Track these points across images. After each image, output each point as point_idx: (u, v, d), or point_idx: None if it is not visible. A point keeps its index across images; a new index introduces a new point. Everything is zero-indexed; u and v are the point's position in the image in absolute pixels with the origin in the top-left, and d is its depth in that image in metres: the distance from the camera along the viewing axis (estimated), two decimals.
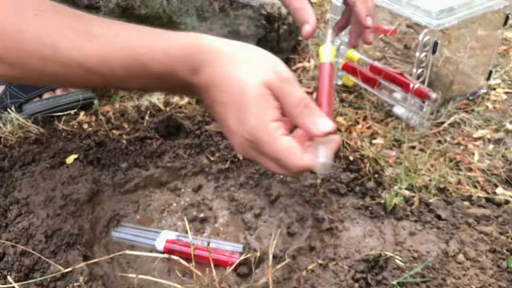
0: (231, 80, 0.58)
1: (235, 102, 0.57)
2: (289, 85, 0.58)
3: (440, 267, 0.70)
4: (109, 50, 0.59)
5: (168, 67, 0.60)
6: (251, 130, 0.56)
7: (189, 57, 0.59)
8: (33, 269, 0.73)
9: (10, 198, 0.83)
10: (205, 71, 0.59)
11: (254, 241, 0.88)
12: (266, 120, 0.56)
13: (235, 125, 0.58)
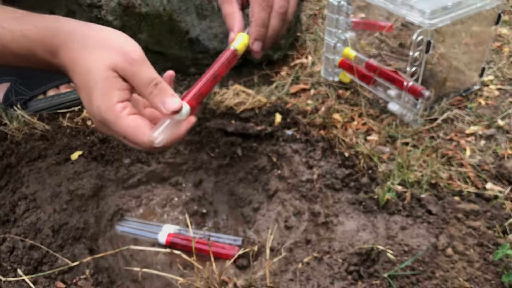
0: (80, 65, 0.62)
1: (84, 86, 0.62)
2: (137, 67, 0.62)
3: (429, 261, 0.73)
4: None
5: (26, 49, 0.65)
6: (99, 112, 0.61)
7: (46, 40, 0.64)
8: (41, 263, 0.76)
9: (18, 193, 0.86)
10: (60, 54, 0.64)
11: (253, 234, 0.91)
12: (111, 102, 0.60)
13: (88, 106, 0.63)
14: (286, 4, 0.81)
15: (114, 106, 0.60)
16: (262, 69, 1.25)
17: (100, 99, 0.60)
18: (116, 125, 0.61)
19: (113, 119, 0.60)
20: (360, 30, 1.26)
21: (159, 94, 0.62)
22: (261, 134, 1.02)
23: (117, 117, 0.60)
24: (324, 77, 1.20)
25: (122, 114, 0.60)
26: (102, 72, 0.61)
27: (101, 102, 0.60)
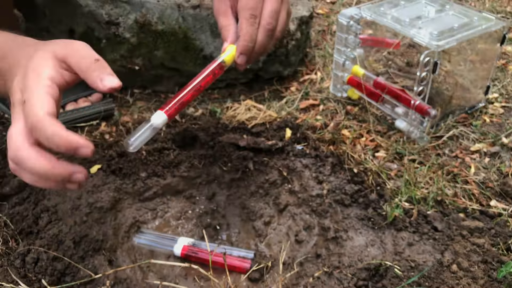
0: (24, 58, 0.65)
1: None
2: (79, 46, 0.64)
3: (435, 276, 0.76)
4: None
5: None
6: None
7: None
8: (64, 273, 0.80)
9: (40, 206, 0.90)
10: (8, 57, 0.67)
11: (264, 248, 0.95)
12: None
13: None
14: (274, 21, 0.84)
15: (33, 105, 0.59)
16: (273, 85, 1.29)
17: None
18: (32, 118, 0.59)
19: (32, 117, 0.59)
20: (368, 47, 1.30)
21: (98, 70, 0.62)
22: (272, 148, 1.05)
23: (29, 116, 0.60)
24: (333, 93, 1.24)
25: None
26: (45, 56, 0.63)
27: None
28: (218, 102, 1.24)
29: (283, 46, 1.20)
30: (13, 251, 0.82)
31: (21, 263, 0.79)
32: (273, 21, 0.84)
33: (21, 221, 0.88)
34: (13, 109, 0.64)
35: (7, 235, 0.85)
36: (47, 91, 0.60)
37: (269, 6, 0.83)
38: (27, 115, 0.59)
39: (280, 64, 1.25)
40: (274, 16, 0.84)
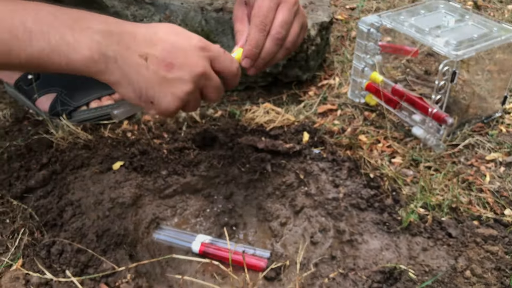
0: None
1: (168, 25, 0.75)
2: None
3: (448, 281, 0.78)
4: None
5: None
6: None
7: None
8: (87, 265, 0.83)
9: (64, 199, 0.93)
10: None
11: (280, 248, 0.97)
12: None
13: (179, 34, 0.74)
14: (283, 31, 0.86)
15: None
16: (291, 89, 1.31)
17: (193, 34, 0.75)
18: (214, 45, 0.76)
19: (209, 42, 0.76)
20: (387, 54, 1.32)
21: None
22: (290, 151, 1.07)
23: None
24: (351, 98, 1.26)
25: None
26: (173, 24, 0.75)
27: (195, 34, 0.75)
28: (237, 104, 1.26)
29: (303, 51, 1.22)
30: (38, 242, 0.85)
31: (46, 254, 0.82)
32: (283, 30, 0.86)
33: (45, 214, 0.91)
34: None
35: (33, 227, 0.88)
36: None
37: (281, 16, 0.86)
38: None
39: (299, 69, 1.27)
40: (284, 26, 0.86)
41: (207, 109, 1.23)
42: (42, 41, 0.66)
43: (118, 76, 0.68)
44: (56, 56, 0.66)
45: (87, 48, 0.66)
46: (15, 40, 0.65)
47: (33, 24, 0.66)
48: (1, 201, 0.94)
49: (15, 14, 0.66)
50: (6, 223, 0.90)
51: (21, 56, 0.66)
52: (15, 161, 1.01)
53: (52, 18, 0.67)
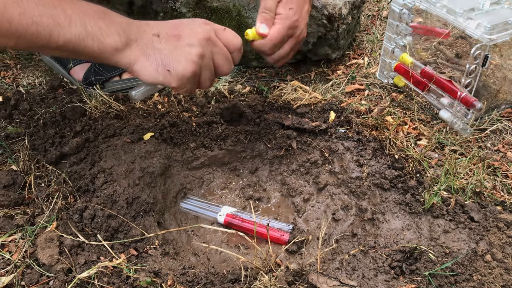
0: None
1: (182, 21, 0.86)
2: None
3: (468, 264, 0.79)
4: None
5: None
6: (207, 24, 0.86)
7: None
8: (117, 231, 0.86)
9: (97, 167, 0.96)
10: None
11: (302, 223, 0.99)
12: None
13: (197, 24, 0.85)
14: (305, 33, 1.05)
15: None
16: (320, 67, 1.32)
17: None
18: (213, 24, 0.87)
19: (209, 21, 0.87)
20: (417, 35, 1.30)
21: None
22: (316, 129, 1.09)
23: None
24: (379, 79, 1.26)
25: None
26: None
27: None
28: (265, 80, 1.28)
29: (333, 29, 1.22)
30: (71, 207, 0.89)
31: (79, 218, 0.86)
32: (305, 33, 1.05)
33: (78, 179, 0.95)
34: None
35: (66, 191, 0.92)
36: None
37: (303, 22, 1.02)
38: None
39: (329, 47, 1.27)
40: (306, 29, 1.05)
41: (236, 85, 1.25)
42: (80, 26, 0.75)
43: (138, 53, 0.80)
44: (90, 40, 0.77)
45: (116, 33, 0.78)
46: (57, 26, 0.73)
47: (72, 12, 0.75)
48: (36, 166, 0.98)
49: (56, 1, 0.74)
50: (41, 187, 0.94)
51: (59, 40, 0.74)
52: (50, 128, 1.05)
53: (87, 8, 0.77)
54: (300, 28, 1.01)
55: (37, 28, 0.72)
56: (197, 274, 0.78)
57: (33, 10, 0.71)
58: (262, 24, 0.96)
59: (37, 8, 0.71)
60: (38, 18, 0.71)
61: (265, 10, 0.97)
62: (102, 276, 0.76)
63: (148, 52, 0.80)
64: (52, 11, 0.73)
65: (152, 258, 0.83)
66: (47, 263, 0.78)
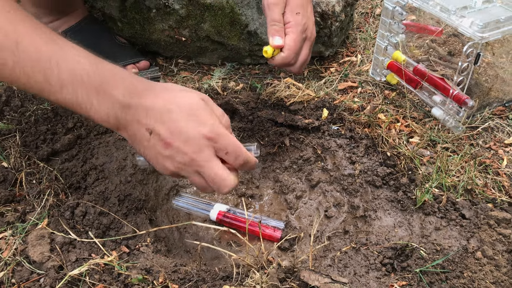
0: (172, 101, 0.74)
1: (187, 113, 0.72)
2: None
3: (459, 261, 0.79)
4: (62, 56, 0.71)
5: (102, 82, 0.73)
6: (212, 127, 0.72)
7: (130, 82, 0.74)
8: (109, 228, 0.86)
9: (88, 164, 0.96)
10: (147, 95, 0.73)
11: (295, 220, 0.99)
12: (217, 121, 0.74)
13: (194, 126, 0.72)
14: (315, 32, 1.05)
15: (220, 124, 0.74)
16: (313, 64, 1.32)
17: (211, 119, 0.73)
18: (227, 136, 0.73)
19: (223, 132, 0.73)
20: (410, 33, 1.30)
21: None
22: (308, 127, 1.09)
23: (225, 131, 0.74)
24: (372, 76, 1.26)
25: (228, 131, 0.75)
26: (198, 102, 0.73)
27: (212, 121, 0.72)
28: (258, 77, 1.27)
29: (326, 27, 1.22)
30: (63, 203, 0.89)
31: (71, 215, 0.86)
32: (315, 32, 1.04)
33: (70, 176, 0.95)
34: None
35: (58, 188, 0.92)
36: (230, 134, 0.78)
37: (311, 22, 1.02)
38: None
39: (322, 45, 1.27)
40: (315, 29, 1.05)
41: (229, 82, 1.25)
42: (71, 94, 0.71)
43: (127, 137, 0.75)
44: (79, 108, 0.72)
45: (105, 113, 0.72)
46: (47, 84, 0.70)
47: (67, 77, 0.70)
48: (28, 162, 0.97)
49: (53, 56, 0.70)
50: (32, 184, 0.93)
51: (50, 97, 0.72)
52: (42, 124, 1.04)
53: (85, 76, 0.71)
54: (310, 29, 1.02)
55: (29, 81, 0.69)
56: (188, 271, 0.78)
57: (27, 63, 0.68)
58: (275, 36, 0.97)
59: (31, 63, 0.69)
60: (31, 72, 0.69)
61: (274, 22, 0.97)
62: (93, 273, 0.76)
63: (135, 143, 0.75)
64: (46, 69, 0.69)
65: (144, 255, 0.83)
66: (38, 261, 0.77)
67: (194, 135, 0.71)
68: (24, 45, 0.68)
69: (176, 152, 0.72)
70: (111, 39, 1.23)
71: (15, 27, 0.69)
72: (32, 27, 0.71)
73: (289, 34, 0.97)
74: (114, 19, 1.26)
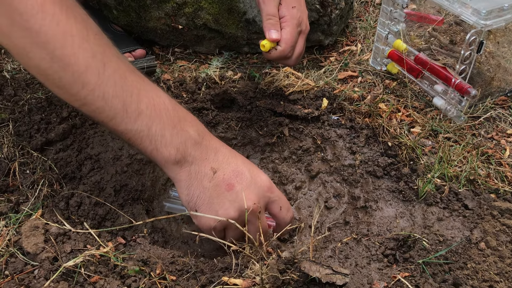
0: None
1: (246, 163, 0.78)
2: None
3: (462, 252, 0.78)
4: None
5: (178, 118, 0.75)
6: (268, 180, 0.78)
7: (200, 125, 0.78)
8: (105, 218, 0.84)
9: (83, 153, 0.94)
10: (212, 138, 0.78)
11: (294, 211, 0.98)
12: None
13: (256, 175, 0.77)
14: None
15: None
16: (313, 53, 1.30)
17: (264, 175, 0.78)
18: (277, 190, 0.79)
19: (274, 186, 0.79)
20: (411, 22, 1.28)
21: None
22: (308, 116, 1.07)
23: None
24: (372, 65, 1.24)
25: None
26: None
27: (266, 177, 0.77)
28: (257, 67, 1.25)
29: (326, 14, 1.20)
30: (57, 194, 0.87)
31: (65, 205, 0.84)
32: (308, 25, 1.04)
33: (65, 166, 0.92)
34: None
35: (52, 179, 0.89)
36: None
37: (305, 15, 1.02)
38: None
39: (322, 33, 1.25)
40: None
41: (226, 71, 1.23)
42: (145, 125, 0.70)
43: (184, 177, 0.74)
44: (148, 141, 0.71)
45: (175, 147, 0.72)
46: (123, 112, 0.68)
47: (146, 108, 0.70)
48: (21, 152, 0.95)
49: (136, 85, 0.70)
50: (26, 174, 0.91)
51: (120, 126, 0.70)
52: (36, 114, 1.02)
53: (164, 110, 0.72)
54: (305, 22, 1.02)
55: (105, 105, 0.67)
56: (186, 262, 0.76)
57: (110, 87, 0.67)
58: (271, 30, 0.96)
59: (114, 87, 0.67)
60: (111, 97, 0.67)
61: (269, 16, 0.96)
62: (88, 265, 0.74)
63: (192, 182, 0.74)
64: (127, 97, 0.68)
65: (141, 246, 0.81)
66: (31, 252, 0.75)
67: (256, 182, 0.75)
68: (111, 69, 0.67)
69: (237, 195, 0.73)
70: (106, 28, 1.20)
71: (103, 49, 0.68)
72: (117, 53, 0.70)
73: (285, 28, 0.97)
74: (109, 6, 1.24)
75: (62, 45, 0.64)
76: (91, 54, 0.66)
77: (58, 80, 0.66)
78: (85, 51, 0.65)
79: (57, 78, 0.66)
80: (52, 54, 0.64)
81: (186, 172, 0.73)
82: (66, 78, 0.66)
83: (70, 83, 0.66)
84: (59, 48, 0.64)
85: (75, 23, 0.65)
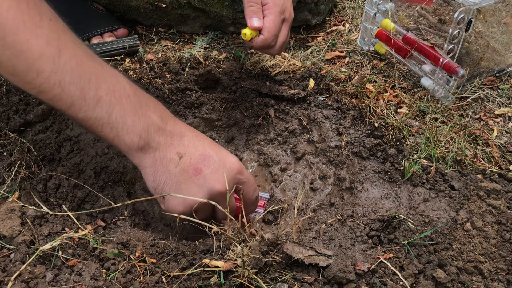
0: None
1: (213, 145, 0.77)
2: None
3: (448, 233, 0.77)
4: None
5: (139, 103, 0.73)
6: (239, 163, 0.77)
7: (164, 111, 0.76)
8: (84, 201, 0.82)
9: (63, 135, 0.91)
10: (177, 123, 0.76)
11: (279, 193, 0.96)
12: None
13: (226, 157, 0.76)
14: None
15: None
16: (299, 33, 1.27)
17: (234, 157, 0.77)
18: (246, 172, 0.78)
19: (243, 167, 0.78)
20: (399, 1, 1.26)
21: None
22: (294, 97, 1.05)
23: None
24: (360, 46, 1.22)
25: None
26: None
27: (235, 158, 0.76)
28: (242, 47, 1.23)
29: None
30: (35, 176, 0.84)
31: (43, 187, 0.81)
32: (293, 12, 0.99)
33: (43, 148, 0.90)
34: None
35: (30, 160, 0.87)
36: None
37: (289, 3, 0.96)
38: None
39: (309, 12, 1.22)
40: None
41: (211, 51, 1.20)
42: (104, 113, 0.68)
43: (149, 163, 0.72)
44: (108, 129, 0.69)
45: (137, 133, 0.70)
46: (81, 99, 0.66)
47: (105, 95, 0.68)
48: None
49: (93, 72, 0.67)
50: (3, 156, 0.89)
51: (79, 114, 0.67)
52: (14, 95, 0.99)
53: (124, 96, 0.69)
54: (288, 10, 0.97)
55: (62, 93, 0.65)
56: (167, 245, 0.74)
57: (66, 74, 0.64)
58: (253, 18, 0.91)
59: (71, 74, 0.65)
60: (67, 84, 0.64)
61: (251, 3, 0.92)
62: (66, 248, 0.72)
63: (158, 168, 0.72)
64: (84, 83, 0.66)
65: (121, 229, 0.79)
66: (7, 235, 0.73)
67: (225, 165, 0.73)
68: (66, 56, 0.64)
69: (205, 179, 0.72)
70: (86, 6, 1.17)
71: (58, 35, 0.65)
72: (73, 39, 0.67)
73: (267, 16, 0.92)
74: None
75: (13, 32, 0.61)
76: (45, 40, 0.63)
77: (12, 68, 0.64)
78: (39, 38, 0.63)
79: (10, 66, 0.64)
80: (4, 40, 0.61)
81: (151, 159, 0.72)
82: (19, 66, 0.63)
83: (24, 70, 0.64)
84: (11, 34, 0.61)
85: (27, 8, 0.63)
